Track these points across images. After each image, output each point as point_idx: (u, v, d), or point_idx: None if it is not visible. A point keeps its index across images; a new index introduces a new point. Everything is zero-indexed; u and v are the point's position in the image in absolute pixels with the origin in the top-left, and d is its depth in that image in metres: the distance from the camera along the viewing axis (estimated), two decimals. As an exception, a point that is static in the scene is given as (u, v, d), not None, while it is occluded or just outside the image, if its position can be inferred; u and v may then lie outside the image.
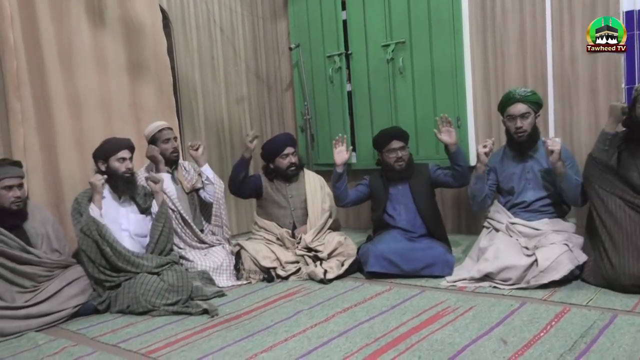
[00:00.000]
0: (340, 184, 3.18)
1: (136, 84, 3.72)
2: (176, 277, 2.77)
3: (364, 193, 3.32)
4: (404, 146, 3.18)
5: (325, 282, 2.98)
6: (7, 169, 2.68)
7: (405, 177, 3.21)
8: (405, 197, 3.21)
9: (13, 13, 3.09)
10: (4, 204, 2.65)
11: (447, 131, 3.02)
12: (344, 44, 4.40)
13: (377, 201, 3.28)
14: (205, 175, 3.41)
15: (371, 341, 2.07)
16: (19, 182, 2.71)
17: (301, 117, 4.74)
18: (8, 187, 2.65)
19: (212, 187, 3.42)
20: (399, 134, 3.19)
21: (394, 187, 3.24)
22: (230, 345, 2.14)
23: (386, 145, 3.17)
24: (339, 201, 3.26)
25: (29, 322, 2.52)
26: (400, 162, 3.16)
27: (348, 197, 3.24)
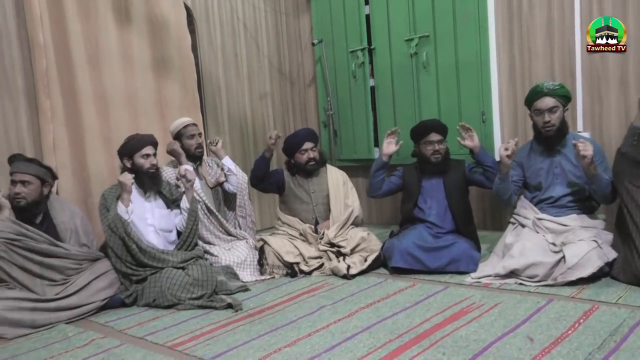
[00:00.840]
0: (380, 173, 3.22)
1: (161, 81, 3.77)
2: (201, 272, 2.81)
3: (396, 184, 3.31)
4: (442, 139, 3.16)
5: (348, 277, 2.98)
6: (18, 164, 2.72)
7: (440, 171, 3.18)
8: (437, 192, 3.18)
9: (42, 14, 3.16)
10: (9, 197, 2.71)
11: (469, 137, 3.08)
12: (366, 39, 4.37)
13: (409, 193, 3.26)
14: (226, 167, 3.45)
15: (395, 337, 2.06)
16: (25, 178, 2.69)
17: (324, 112, 4.74)
18: (12, 182, 2.70)
19: (234, 177, 3.46)
20: (438, 127, 3.17)
21: (428, 180, 3.22)
22: (254, 340, 2.16)
23: (424, 137, 3.15)
24: (372, 191, 3.27)
25: (59, 315, 2.58)
26: (437, 155, 3.13)
27: (382, 188, 3.26)
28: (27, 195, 2.68)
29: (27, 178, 2.70)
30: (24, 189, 2.68)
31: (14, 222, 2.60)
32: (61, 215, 2.85)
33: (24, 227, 2.62)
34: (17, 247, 2.57)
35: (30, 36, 3.16)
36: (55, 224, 2.82)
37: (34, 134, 3.24)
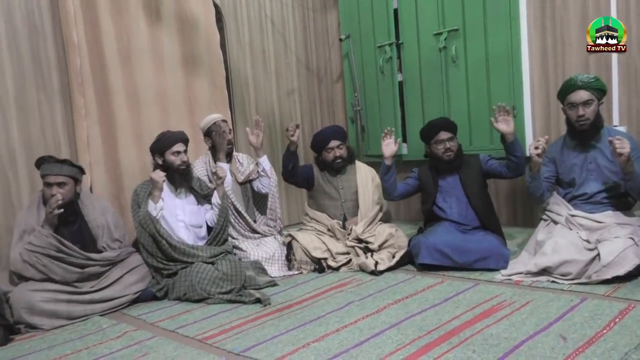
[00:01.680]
0: (389, 176, 3.13)
1: (190, 78, 3.82)
2: (230, 267, 2.84)
3: (412, 186, 3.28)
4: (453, 137, 3.11)
5: (376, 273, 2.97)
6: (50, 166, 2.73)
7: (454, 168, 3.14)
8: (455, 189, 3.14)
9: (77, 13, 3.24)
10: (44, 199, 2.74)
11: (504, 120, 2.89)
12: (394, 34, 4.33)
13: (427, 193, 3.23)
14: (262, 166, 3.43)
15: (423, 334, 2.05)
16: (60, 180, 2.73)
17: (351, 108, 4.72)
18: (47, 184, 2.72)
19: (267, 179, 3.45)
20: (446, 125, 3.12)
21: (444, 179, 3.18)
22: (282, 334, 2.18)
23: (434, 137, 3.11)
24: (387, 194, 3.22)
25: (94, 307, 2.65)
26: (449, 153, 3.09)
27: (397, 191, 3.20)
28: (64, 196, 2.72)
29: (62, 179, 2.74)
30: (60, 190, 2.72)
31: (54, 237, 2.64)
32: (92, 213, 2.91)
33: (63, 242, 2.65)
34: (55, 260, 2.63)
35: (65, 35, 3.24)
36: (87, 222, 2.88)
37: (68, 132, 3.33)
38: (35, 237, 2.61)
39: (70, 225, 2.81)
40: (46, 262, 2.60)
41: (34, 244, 2.60)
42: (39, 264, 2.58)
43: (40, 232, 2.62)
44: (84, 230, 2.85)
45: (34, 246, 2.59)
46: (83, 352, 2.17)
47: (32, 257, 2.58)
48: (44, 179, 2.73)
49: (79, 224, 2.85)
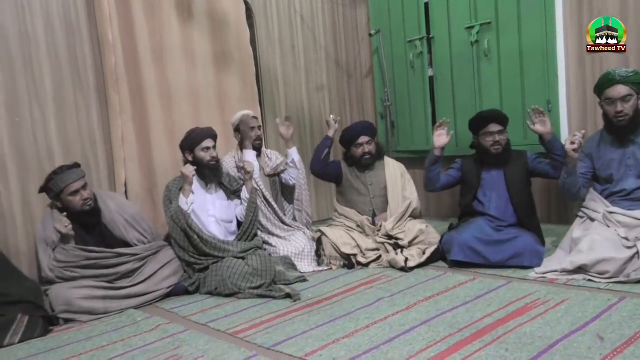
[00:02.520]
0: (435, 167, 3.12)
1: (221, 75, 3.86)
2: (260, 262, 2.86)
3: (454, 177, 3.24)
4: (502, 130, 3.05)
5: (406, 270, 2.95)
6: (67, 174, 2.75)
7: (500, 162, 3.08)
8: (498, 184, 3.09)
9: (112, 13, 3.31)
10: (76, 208, 2.75)
11: (540, 121, 2.88)
12: (425, 28, 4.29)
13: (468, 186, 3.18)
14: (291, 157, 3.45)
15: (455, 331, 2.03)
16: (82, 183, 2.78)
17: (381, 104, 4.69)
18: (75, 192, 2.74)
19: (295, 171, 3.47)
20: (498, 117, 3.06)
21: (488, 172, 3.12)
22: (312, 330, 2.18)
23: (483, 128, 3.06)
24: (430, 185, 3.19)
25: (129, 302, 2.71)
26: (497, 146, 3.03)
27: (440, 182, 3.18)
28: (90, 196, 2.80)
29: (84, 182, 2.80)
30: (86, 192, 2.78)
31: (80, 249, 2.69)
32: (108, 214, 2.91)
33: (89, 250, 2.70)
34: (88, 269, 2.69)
35: (101, 34, 3.31)
36: (105, 223, 2.91)
37: (104, 129, 3.40)
38: (60, 254, 2.65)
39: (92, 231, 2.86)
40: (80, 271, 2.66)
41: (62, 261, 2.64)
42: (74, 275, 2.64)
43: (64, 248, 2.66)
44: (106, 233, 2.90)
45: (62, 263, 2.64)
46: (119, 344, 2.22)
47: (64, 273, 2.64)
48: (67, 190, 2.72)
49: (100, 229, 2.89)
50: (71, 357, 2.12)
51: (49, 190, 2.76)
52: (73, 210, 2.75)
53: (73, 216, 2.74)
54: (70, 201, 2.74)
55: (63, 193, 2.73)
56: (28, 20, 3.10)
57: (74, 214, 2.74)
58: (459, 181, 3.25)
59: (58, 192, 2.73)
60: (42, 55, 3.15)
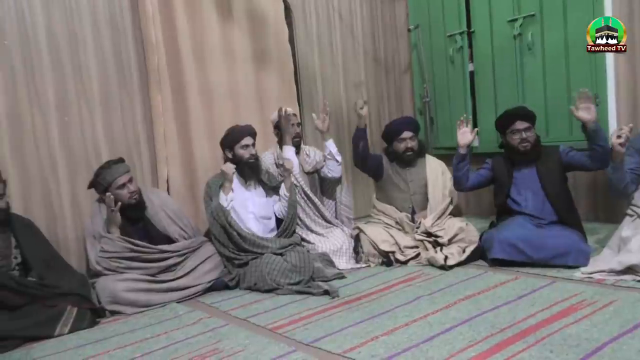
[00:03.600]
0: (462, 166, 3.04)
1: (260, 73, 3.90)
2: (299, 258, 2.88)
3: (485, 177, 3.16)
4: (530, 127, 2.97)
5: (445, 268, 2.91)
6: (115, 169, 2.85)
7: (531, 160, 3.00)
8: (532, 182, 3.00)
9: (155, 13, 3.39)
10: (123, 201, 2.84)
11: (586, 107, 2.70)
12: (465, 22, 4.21)
13: (500, 186, 3.11)
14: (328, 149, 3.43)
15: (496, 331, 1.99)
16: (128, 177, 2.87)
17: (420, 100, 4.64)
18: (122, 185, 2.84)
19: (334, 163, 3.45)
20: (523, 114, 2.98)
21: (519, 170, 3.04)
22: (351, 326, 2.18)
23: (510, 126, 2.98)
24: (458, 185, 3.13)
25: (171, 295, 2.78)
26: (525, 143, 2.95)
27: (469, 181, 3.11)
28: (136, 189, 2.89)
29: (130, 176, 2.90)
30: (132, 186, 2.88)
31: (125, 240, 2.77)
32: (151, 209, 3.01)
33: (134, 243, 2.78)
34: (131, 260, 2.77)
35: (144, 35, 3.40)
36: (148, 217, 2.99)
37: (147, 127, 3.50)
38: (106, 244, 2.74)
39: (136, 224, 2.94)
40: (124, 262, 2.75)
41: (108, 251, 2.73)
42: (119, 267, 2.73)
43: (110, 238, 2.75)
44: (149, 227, 2.98)
45: (108, 253, 2.73)
46: (162, 337, 2.28)
47: (110, 263, 2.73)
48: (115, 184, 2.81)
49: (144, 222, 2.98)
50: (117, 348, 2.19)
51: (97, 185, 2.86)
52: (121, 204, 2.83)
53: (120, 209, 2.81)
54: (118, 194, 2.82)
55: (111, 187, 2.82)
56: (76, 22, 3.21)
57: (121, 207, 2.82)
58: (490, 181, 3.18)
59: (106, 186, 2.82)
60: (89, 56, 3.26)
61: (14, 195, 2.92)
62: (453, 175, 3.13)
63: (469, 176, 3.09)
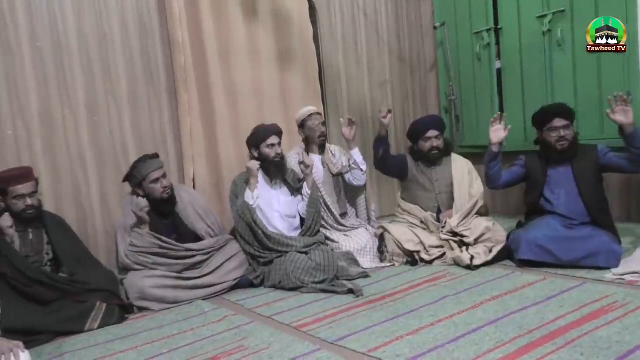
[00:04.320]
0: (495, 164, 3.01)
1: (285, 72, 3.91)
2: (323, 257, 2.89)
3: (518, 174, 3.11)
4: (568, 125, 2.90)
5: (472, 268, 2.87)
6: (150, 163, 2.90)
7: (567, 158, 2.93)
8: (566, 181, 2.93)
9: (181, 14, 3.44)
10: (156, 195, 2.89)
11: (622, 110, 2.65)
12: (493, 19, 4.14)
13: (533, 183, 3.04)
14: (353, 159, 3.43)
15: (524, 332, 1.95)
16: (162, 172, 2.93)
17: (445, 98, 4.60)
18: (155, 180, 2.89)
19: (359, 172, 3.44)
20: (562, 111, 2.91)
21: (554, 169, 2.98)
22: (375, 326, 2.17)
23: (547, 124, 2.92)
24: (491, 182, 3.09)
25: (197, 292, 2.82)
26: (563, 142, 2.88)
27: (501, 179, 3.06)
28: (169, 184, 2.94)
29: (163, 171, 2.95)
30: (165, 181, 2.93)
31: (154, 236, 2.82)
32: (181, 204, 3.05)
33: (162, 239, 2.83)
34: (158, 256, 2.82)
35: (171, 35, 3.45)
36: (177, 213, 3.03)
37: (173, 126, 3.55)
38: (136, 239, 2.79)
39: (166, 219, 2.99)
40: (151, 257, 2.79)
41: (137, 246, 2.78)
42: (146, 261, 2.78)
43: (140, 233, 2.80)
44: (178, 222, 3.02)
45: (137, 247, 2.78)
46: (188, 333, 2.31)
47: (138, 257, 2.78)
48: (149, 178, 2.87)
49: (172, 219, 3.02)
50: (145, 343, 2.23)
51: (132, 178, 2.92)
52: (153, 198, 2.89)
53: (151, 204, 2.87)
54: (152, 189, 2.88)
55: (145, 180, 2.87)
56: (105, 23, 3.28)
57: (153, 202, 2.88)
58: (523, 178, 3.12)
59: (140, 180, 2.88)
60: (118, 56, 3.32)
61: (46, 193, 3.00)
62: (485, 174, 3.09)
63: (501, 174, 3.05)
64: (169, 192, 2.94)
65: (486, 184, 3.16)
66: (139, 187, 2.90)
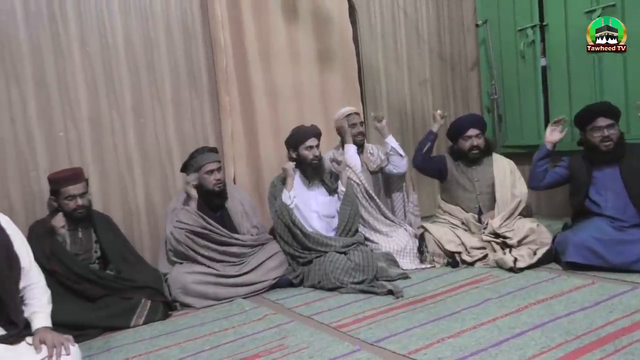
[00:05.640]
0: (543, 162, 2.98)
1: (324, 73, 3.92)
2: (362, 257, 2.88)
3: (561, 175, 3.02)
4: (613, 124, 2.80)
5: (515, 270, 2.81)
6: (207, 155, 3.02)
7: (613, 159, 2.82)
8: (613, 182, 2.83)
9: (223, 16, 3.49)
10: (208, 186, 2.99)
11: None
12: (538, 15, 4.03)
13: (578, 185, 2.95)
14: (389, 146, 3.42)
15: (572, 338, 1.89)
16: (217, 166, 3.03)
17: (487, 97, 4.50)
18: (210, 171, 2.98)
19: (398, 157, 3.42)
20: (606, 110, 2.81)
21: (600, 170, 2.87)
22: (416, 327, 2.15)
23: (591, 123, 2.83)
24: (535, 182, 3.02)
25: (238, 290, 2.86)
26: (607, 142, 2.78)
27: (545, 179, 3.00)
28: (222, 179, 3.03)
29: (219, 165, 3.05)
30: (219, 174, 3.02)
31: (200, 215, 2.89)
32: (231, 201, 3.13)
33: (207, 220, 2.90)
34: (200, 237, 2.88)
35: (213, 37, 3.52)
36: (227, 208, 3.11)
37: (215, 127, 3.61)
38: (183, 214, 2.88)
39: (215, 212, 3.06)
40: (193, 238, 2.86)
41: (182, 221, 2.86)
42: (188, 241, 2.84)
43: (188, 210, 2.89)
44: (226, 217, 3.09)
45: (182, 223, 2.86)
46: (229, 331, 2.35)
47: (182, 235, 2.85)
48: (204, 168, 2.98)
49: (221, 213, 3.09)
50: (187, 340, 2.28)
51: (189, 167, 3.03)
52: (205, 189, 2.99)
53: (203, 195, 2.98)
54: (205, 179, 2.98)
55: (200, 170, 2.98)
56: (151, 28, 3.37)
57: (205, 193, 2.98)
58: (566, 180, 3.03)
59: (196, 169, 2.99)
60: (162, 59, 3.41)
61: (95, 193, 3.10)
62: (531, 172, 3.04)
63: (546, 174, 3.00)
64: (220, 186, 3.02)
65: (529, 182, 3.10)
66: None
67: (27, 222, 2.73)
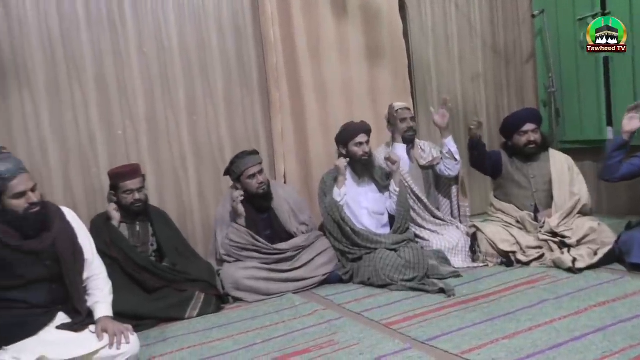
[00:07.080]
0: (618, 154, 2.82)
1: (374, 68, 3.89)
2: (413, 254, 2.84)
3: (638, 167, 2.86)
4: None
5: (574, 271, 2.69)
6: (248, 159, 3.02)
7: None
8: None
9: (273, 12, 3.53)
10: (252, 190, 3.01)
11: None
12: (599, 3, 3.84)
13: None
14: (447, 148, 3.31)
15: (636, 343, 1.80)
16: (259, 169, 3.03)
17: (544, 90, 4.34)
18: (252, 175, 3.00)
19: (452, 162, 3.32)
20: None
21: None
22: (468, 327, 2.11)
23: None
24: (608, 174, 2.87)
25: (288, 285, 2.89)
26: None
27: (620, 171, 2.85)
28: (265, 180, 3.05)
29: (260, 167, 3.06)
30: (261, 176, 3.04)
31: (249, 234, 2.93)
32: (277, 200, 3.14)
33: (256, 238, 2.93)
34: (253, 252, 2.93)
35: (263, 34, 3.56)
36: (273, 209, 3.13)
37: (265, 123, 3.66)
38: (233, 234, 2.93)
39: (262, 213, 3.09)
40: (245, 253, 2.92)
41: (233, 240, 2.92)
42: (240, 255, 2.92)
43: (237, 229, 2.93)
44: (273, 217, 3.12)
45: (233, 242, 2.92)
46: (280, 325, 2.38)
47: (232, 251, 2.93)
48: (246, 173, 2.99)
49: (268, 214, 3.12)
50: (240, 333, 2.33)
51: (231, 173, 3.08)
52: (250, 193, 3.01)
53: (249, 198, 3.00)
54: (248, 184, 3.01)
55: (242, 175, 3.01)
56: (204, 27, 3.45)
57: (250, 197, 3.01)
58: None
59: (238, 175, 3.03)
60: (215, 58, 3.48)
61: (151, 190, 3.22)
62: (604, 164, 2.89)
63: (621, 166, 2.85)
64: (264, 188, 3.04)
65: (600, 174, 2.95)
66: (237, 182, 3.05)
67: (89, 216, 2.86)
